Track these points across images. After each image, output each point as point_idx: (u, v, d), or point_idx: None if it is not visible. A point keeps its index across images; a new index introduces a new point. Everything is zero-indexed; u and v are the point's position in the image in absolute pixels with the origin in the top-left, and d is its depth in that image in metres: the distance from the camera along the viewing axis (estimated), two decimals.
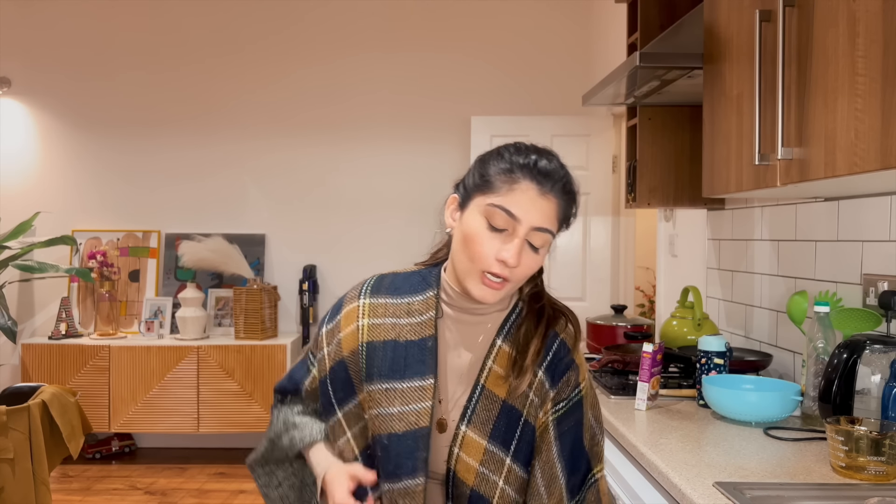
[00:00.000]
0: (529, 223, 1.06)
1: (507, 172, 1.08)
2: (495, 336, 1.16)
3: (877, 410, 1.53)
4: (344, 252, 4.68)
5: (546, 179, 1.08)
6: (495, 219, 1.07)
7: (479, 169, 1.12)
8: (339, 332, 1.20)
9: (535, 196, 1.07)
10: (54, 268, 4.10)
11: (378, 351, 1.15)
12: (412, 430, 1.11)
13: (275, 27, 4.64)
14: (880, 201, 1.73)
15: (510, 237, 1.07)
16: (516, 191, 1.06)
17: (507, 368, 1.14)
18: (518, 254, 1.06)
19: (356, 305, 1.20)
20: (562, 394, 1.15)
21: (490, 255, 1.07)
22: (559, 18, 4.61)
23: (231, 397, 4.20)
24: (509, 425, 1.13)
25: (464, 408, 1.13)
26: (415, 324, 1.16)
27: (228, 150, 4.67)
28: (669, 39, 2.26)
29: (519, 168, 1.08)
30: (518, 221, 1.06)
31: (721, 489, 1.28)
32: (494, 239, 1.07)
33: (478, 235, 1.07)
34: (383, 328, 1.16)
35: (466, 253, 1.09)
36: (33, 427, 2.69)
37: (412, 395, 1.12)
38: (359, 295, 1.22)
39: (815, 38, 1.36)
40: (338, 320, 1.22)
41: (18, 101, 4.65)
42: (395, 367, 1.13)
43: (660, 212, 3.32)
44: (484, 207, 1.08)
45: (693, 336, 2.33)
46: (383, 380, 1.14)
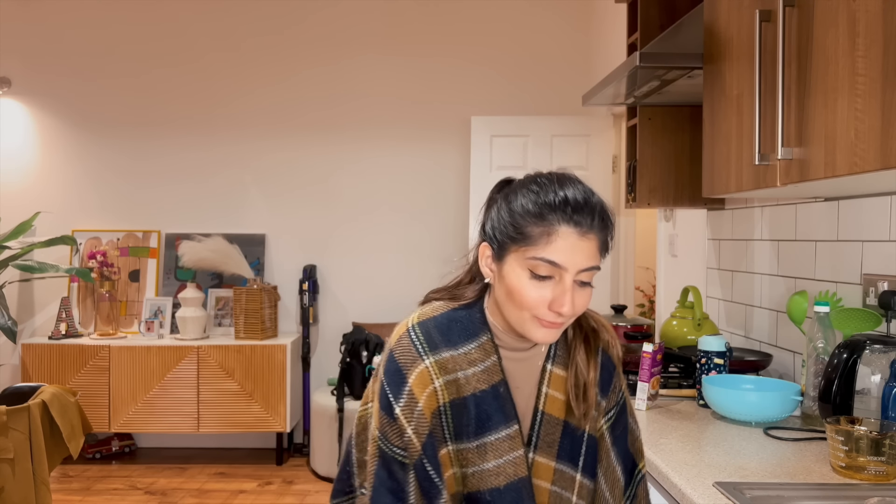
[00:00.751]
0: (576, 268, 1.04)
1: (541, 220, 1.04)
2: (544, 362, 1.17)
3: (877, 410, 1.53)
4: (344, 252, 4.68)
5: (582, 218, 1.04)
6: (539, 270, 1.04)
7: (509, 218, 1.07)
8: (418, 403, 1.08)
9: (576, 240, 1.03)
10: (54, 268, 4.10)
11: (461, 409, 1.11)
12: (513, 482, 1.11)
13: (275, 28, 4.64)
14: (880, 201, 1.73)
15: (558, 283, 1.05)
16: (555, 239, 1.03)
17: (563, 392, 1.15)
18: (571, 300, 1.04)
19: (425, 367, 1.10)
20: (611, 402, 1.20)
21: (541, 303, 1.05)
22: (559, 18, 4.61)
23: (231, 397, 4.20)
24: (574, 443, 1.15)
25: (528, 436, 1.14)
26: (480, 372, 1.12)
27: (229, 149, 4.67)
28: (669, 39, 2.26)
29: (551, 211, 1.04)
30: (564, 269, 1.04)
31: (721, 489, 1.28)
32: (542, 287, 1.05)
33: (524, 288, 1.05)
34: (458, 384, 1.11)
35: (515, 305, 1.07)
36: (33, 427, 2.69)
37: (503, 446, 1.11)
38: (420, 355, 1.10)
39: (815, 38, 1.36)
40: (408, 391, 1.09)
41: (18, 100, 4.65)
42: (481, 421, 1.11)
43: (660, 212, 3.32)
44: (525, 261, 1.05)
45: (693, 336, 2.33)
46: (472, 437, 1.11)
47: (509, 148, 4.23)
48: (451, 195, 4.63)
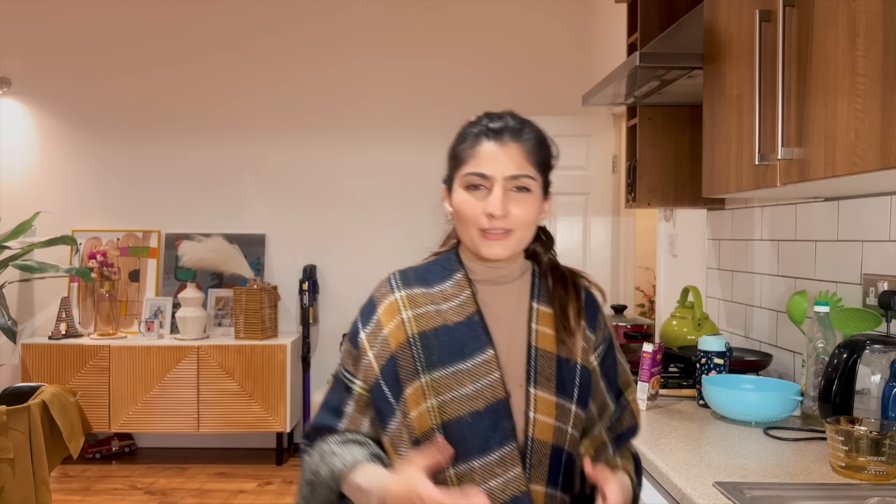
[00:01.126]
0: (501, 174, 1.15)
1: (467, 141, 1.20)
2: (530, 300, 1.23)
3: (877, 410, 1.53)
4: (344, 252, 4.68)
5: (500, 133, 1.18)
6: (472, 182, 1.17)
7: (450, 153, 1.23)
8: (382, 329, 1.19)
9: (497, 150, 1.17)
10: (54, 268, 4.10)
11: (431, 339, 1.17)
12: (493, 405, 1.14)
13: (276, 29, 4.64)
14: (880, 201, 1.73)
15: (491, 192, 1.16)
16: (479, 153, 1.17)
17: (552, 327, 1.21)
18: (501, 203, 1.14)
19: (394, 300, 1.21)
20: (599, 338, 1.26)
21: (478, 213, 1.16)
22: (559, 19, 4.61)
23: (231, 397, 4.20)
24: (568, 376, 1.20)
25: (525, 372, 1.18)
26: (456, 306, 1.19)
27: (229, 150, 4.67)
28: (669, 39, 2.26)
29: (474, 135, 1.19)
30: (492, 178, 1.15)
31: (721, 489, 1.28)
32: (478, 199, 1.16)
33: (464, 203, 1.17)
34: (428, 316, 1.18)
35: (462, 222, 1.18)
36: (33, 427, 2.69)
37: (479, 371, 1.15)
38: (391, 290, 1.22)
39: (815, 38, 1.36)
40: (376, 320, 1.20)
41: (18, 100, 4.65)
42: (454, 350, 1.16)
43: (660, 212, 3.32)
44: (461, 180, 1.18)
45: (693, 336, 2.33)
46: (446, 365, 1.15)
47: None
48: None
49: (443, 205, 1.26)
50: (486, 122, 1.20)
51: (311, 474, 1.17)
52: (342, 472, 1.13)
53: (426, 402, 1.13)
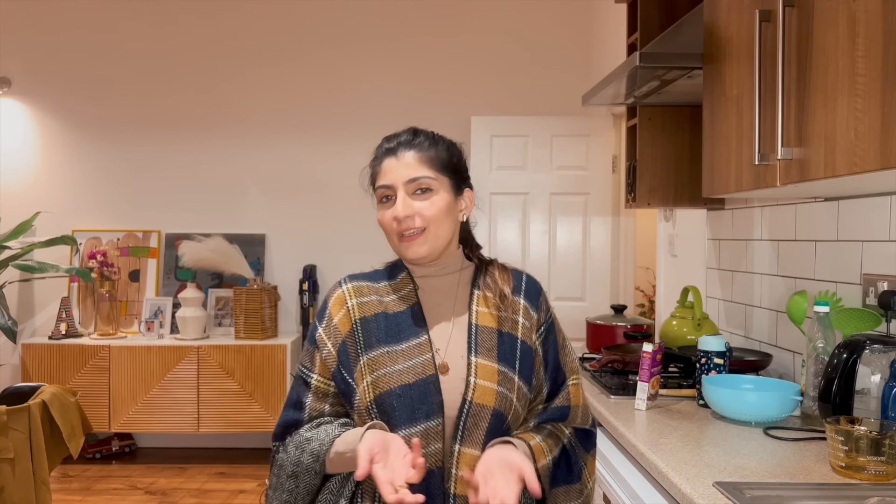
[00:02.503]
0: (399, 181, 1.28)
1: (374, 163, 1.34)
2: (471, 287, 1.35)
3: (877, 410, 1.53)
4: (344, 252, 4.68)
5: (394, 148, 1.31)
6: (380, 195, 1.31)
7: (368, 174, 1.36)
8: (332, 320, 1.31)
9: (395, 163, 1.29)
10: (54, 268, 4.10)
11: (371, 323, 1.29)
12: (422, 379, 1.24)
13: (275, 28, 4.64)
14: (880, 201, 1.73)
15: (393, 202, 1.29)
16: (382, 169, 1.31)
17: (491, 307, 1.32)
18: (403, 206, 1.27)
19: (341, 292, 1.34)
20: (541, 318, 1.36)
21: (389, 220, 1.29)
22: (559, 18, 4.61)
23: (231, 397, 4.20)
24: (510, 347, 1.29)
25: (467, 343, 1.28)
26: (397, 298, 1.33)
27: (229, 149, 4.67)
28: (669, 39, 2.26)
29: (377, 157, 1.33)
30: (391, 187, 1.29)
31: (721, 489, 1.28)
32: (387, 207, 1.30)
33: (380, 216, 1.31)
34: (371, 304, 1.32)
35: (385, 233, 1.31)
36: (33, 427, 2.69)
37: (412, 352, 1.26)
38: (339, 285, 1.36)
39: (815, 38, 1.36)
40: (328, 314, 1.33)
41: (18, 101, 4.65)
42: (391, 334, 1.28)
43: (660, 212, 3.32)
44: (375, 197, 1.33)
45: (693, 336, 2.33)
46: (382, 345, 1.27)
47: (509, 148, 4.23)
48: None
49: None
50: (384, 143, 1.33)
51: (293, 465, 1.25)
52: (323, 451, 1.22)
53: (364, 380, 1.24)
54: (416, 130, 1.36)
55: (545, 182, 4.21)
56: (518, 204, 4.21)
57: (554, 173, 4.21)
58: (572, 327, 3.86)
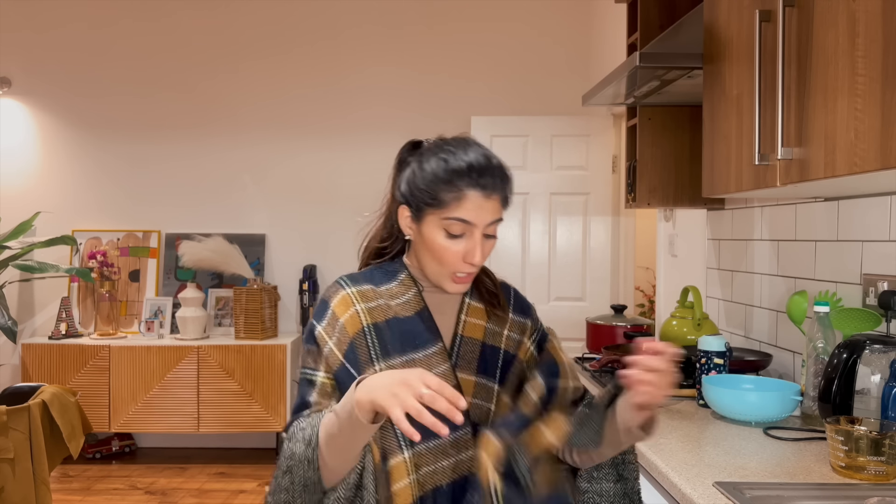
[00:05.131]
0: (482, 223, 1.20)
1: (451, 186, 1.20)
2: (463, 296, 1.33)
3: (876, 410, 1.53)
4: (344, 252, 4.67)
5: (486, 180, 1.20)
6: (453, 229, 1.20)
7: (424, 186, 1.22)
8: (338, 319, 1.25)
9: (483, 201, 1.20)
10: (54, 268, 4.10)
11: (384, 330, 1.24)
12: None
13: (275, 28, 4.64)
14: (880, 201, 1.73)
15: (469, 238, 1.21)
16: (465, 202, 1.19)
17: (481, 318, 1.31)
18: (481, 252, 1.21)
19: (345, 294, 1.27)
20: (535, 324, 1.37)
21: (457, 259, 1.21)
22: (559, 18, 4.61)
23: (231, 397, 4.20)
24: (491, 359, 1.30)
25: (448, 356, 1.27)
26: (403, 302, 1.28)
27: (229, 150, 4.67)
28: (669, 39, 2.26)
29: (459, 178, 1.20)
30: (473, 225, 1.20)
31: (721, 489, 1.28)
32: (457, 244, 1.21)
33: (442, 247, 1.21)
34: (380, 310, 1.26)
35: (435, 260, 1.23)
36: (33, 427, 2.69)
37: (431, 361, 1.24)
38: (342, 287, 1.29)
39: (815, 38, 1.36)
40: (330, 313, 1.26)
41: (18, 101, 4.65)
42: (407, 341, 1.24)
43: (660, 212, 3.32)
44: (441, 221, 1.21)
45: (693, 336, 2.33)
46: (399, 354, 1.23)
47: (509, 148, 4.23)
48: None
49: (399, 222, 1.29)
50: (474, 173, 1.20)
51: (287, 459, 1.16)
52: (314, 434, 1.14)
53: None
54: (502, 167, 1.25)
55: (545, 182, 4.21)
56: (518, 204, 4.21)
57: (554, 173, 4.21)
58: (572, 327, 3.87)
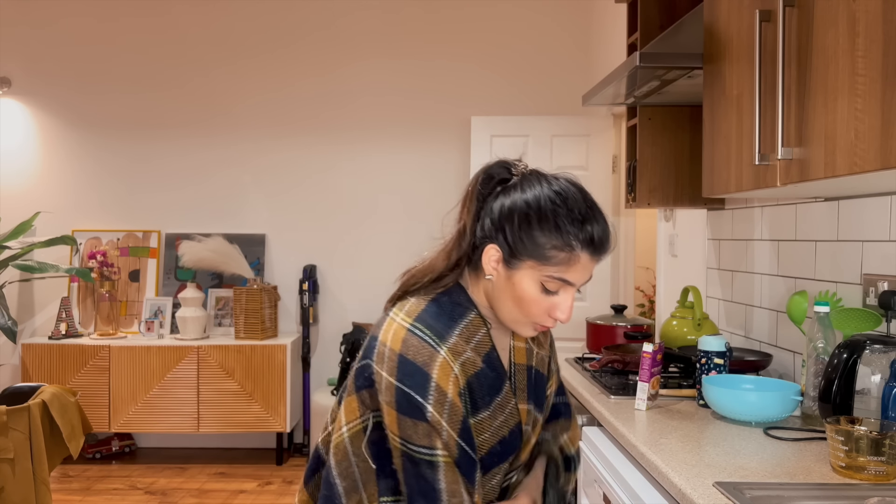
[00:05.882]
0: (580, 283, 1.16)
1: (565, 247, 1.12)
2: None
3: (877, 410, 1.53)
4: (344, 252, 4.68)
5: (603, 252, 1.15)
6: (551, 285, 1.14)
7: (530, 241, 1.13)
8: (447, 396, 1.11)
9: (588, 264, 1.14)
10: (54, 268, 4.10)
11: (474, 386, 1.18)
12: (514, 428, 1.23)
13: (275, 28, 4.64)
14: (880, 201, 1.73)
15: (564, 294, 1.16)
16: (574, 263, 1.13)
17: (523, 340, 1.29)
18: (570, 310, 1.17)
19: (443, 359, 1.13)
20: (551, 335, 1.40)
21: (544, 313, 1.16)
22: (559, 18, 4.61)
23: (231, 397, 4.20)
24: (538, 384, 1.30)
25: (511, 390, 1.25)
26: (476, 345, 1.19)
27: (229, 150, 4.67)
28: (669, 39, 2.26)
29: (576, 240, 1.12)
30: (573, 285, 1.15)
31: (721, 489, 1.28)
32: (549, 298, 1.15)
33: (533, 300, 1.15)
34: (468, 363, 1.17)
35: (519, 309, 1.16)
36: (33, 427, 2.69)
37: (504, 402, 1.22)
38: (435, 347, 1.13)
39: (815, 38, 1.36)
40: (435, 386, 1.11)
41: (18, 101, 4.65)
42: (487, 389, 1.19)
43: (660, 212, 3.32)
44: (539, 275, 1.13)
45: (693, 336, 2.33)
46: (487, 406, 1.19)
47: (509, 148, 4.22)
48: (451, 195, 4.63)
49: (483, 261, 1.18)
50: (590, 229, 1.13)
51: None
52: None
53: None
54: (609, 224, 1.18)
55: None
56: None
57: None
58: (572, 327, 3.87)
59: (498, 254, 1.16)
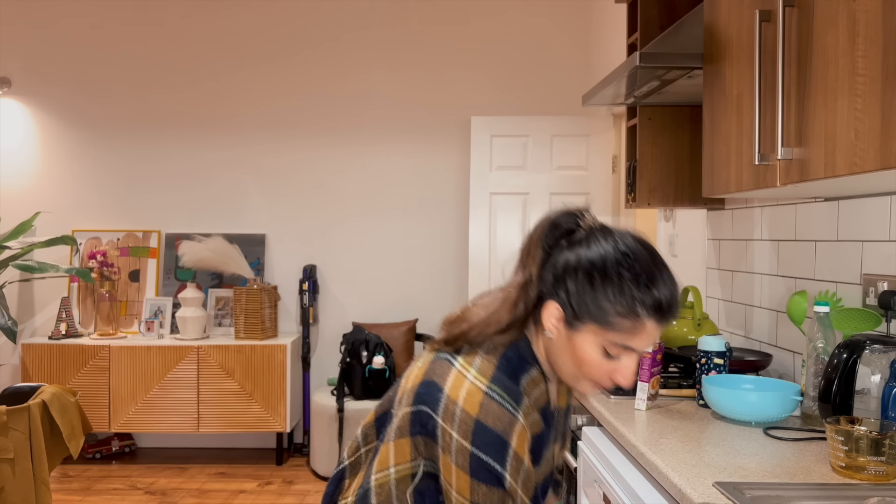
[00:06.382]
0: (645, 348, 1.11)
1: (630, 314, 1.06)
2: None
3: (877, 410, 1.53)
4: (344, 252, 4.68)
5: (670, 316, 1.08)
6: (613, 351, 1.09)
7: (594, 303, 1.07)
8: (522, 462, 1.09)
9: (654, 332, 1.09)
10: (54, 268, 4.10)
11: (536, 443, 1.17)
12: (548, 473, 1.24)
13: (276, 28, 4.64)
14: (880, 201, 1.73)
15: (627, 359, 1.11)
16: (640, 331, 1.07)
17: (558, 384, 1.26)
18: (632, 377, 1.11)
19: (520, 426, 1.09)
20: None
21: (605, 375, 1.12)
22: (559, 18, 4.61)
23: (231, 397, 4.20)
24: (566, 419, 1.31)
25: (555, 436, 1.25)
26: (535, 400, 1.16)
27: (229, 150, 4.67)
28: (669, 39, 2.26)
29: (644, 312, 1.06)
30: (636, 352, 1.11)
31: (721, 489, 1.28)
32: (610, 362, 1.11)
33: (594, 363, 1.10)
34: (534, 424, 1.16)
35: (579, 370, 1.12)
36: (33, 427, 2.70)
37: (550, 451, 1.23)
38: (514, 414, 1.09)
39: (815, 38, 1.36)
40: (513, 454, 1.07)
41: (19, 101, 4.65)
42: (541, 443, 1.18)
43: (660, 212, 3.32)
44: (603, 340, 1.09)
45: (693, 336, 2.33)
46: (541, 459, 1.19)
47: (509, 148, 4.23)
48: (451, 195, 4.63)
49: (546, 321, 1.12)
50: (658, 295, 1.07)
51: None
52: None
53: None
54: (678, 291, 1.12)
55: (545, 182, 4.21)
56: (518, 204, 4.21)
57: (554, 173, 4.21)
58: None
59: (559, 312, 1.10)
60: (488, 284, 4.15)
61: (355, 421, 4.00)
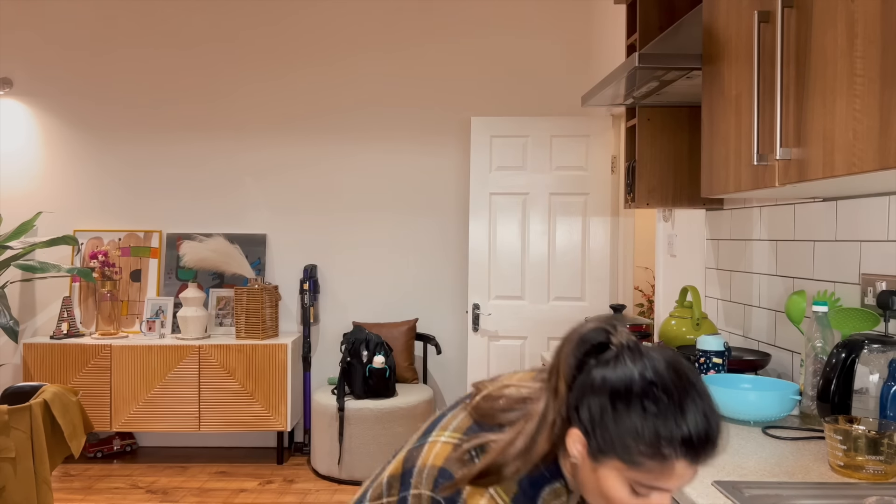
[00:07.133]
0: (675, 489, 0.99)
1: (658, 455, 0.93)
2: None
3: (875, 410, 1.54)
4: (344, 252, 4.68)
5: (703, 455, 0.95)
6: (641, 490, 0.98)
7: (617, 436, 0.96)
8: None
9: (686, 472, 0.95)
10: (56, 268, 4.11)
11: None
12: None
13: (276, 29, 4.65)
14: (878, 201, 1.74)
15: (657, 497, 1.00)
16: (669, 471, 0.94)
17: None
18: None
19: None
20: None
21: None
22: (559, 19, 4.62)
23: (232, 397, 4.21)
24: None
25: None
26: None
27: (230, 150, 4.68)
28: (668, 40, 2.27)
29: (669, 446, 0.93)
30: (667, 492, 0.99)
31: (720, 488, 1.29)
32: (637, 500, 0.99)
33: (621, 500, 0.99)
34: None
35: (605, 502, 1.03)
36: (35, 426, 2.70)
37: None
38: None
39: (814, 38, 1.37)
40: None
41: (20, 101, 4.66)
42: None
43: (659, 212, 3.33)
44: (627, 479, 0.97)
45: (692, 336, 2.33)
46: None
47: (509, 148, 4.23)
48: (451, 195, 4.64)
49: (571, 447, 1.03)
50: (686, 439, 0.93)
51: None
52: None
53: None
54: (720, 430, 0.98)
55: (545, 182, 4.22)
56: (518, 204, 4.22)
57: (553, 174, 4.22)
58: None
59: (583, 442, 0.99)
60: (488, 284, 4.15)
61: (356, 420, 4.01)
